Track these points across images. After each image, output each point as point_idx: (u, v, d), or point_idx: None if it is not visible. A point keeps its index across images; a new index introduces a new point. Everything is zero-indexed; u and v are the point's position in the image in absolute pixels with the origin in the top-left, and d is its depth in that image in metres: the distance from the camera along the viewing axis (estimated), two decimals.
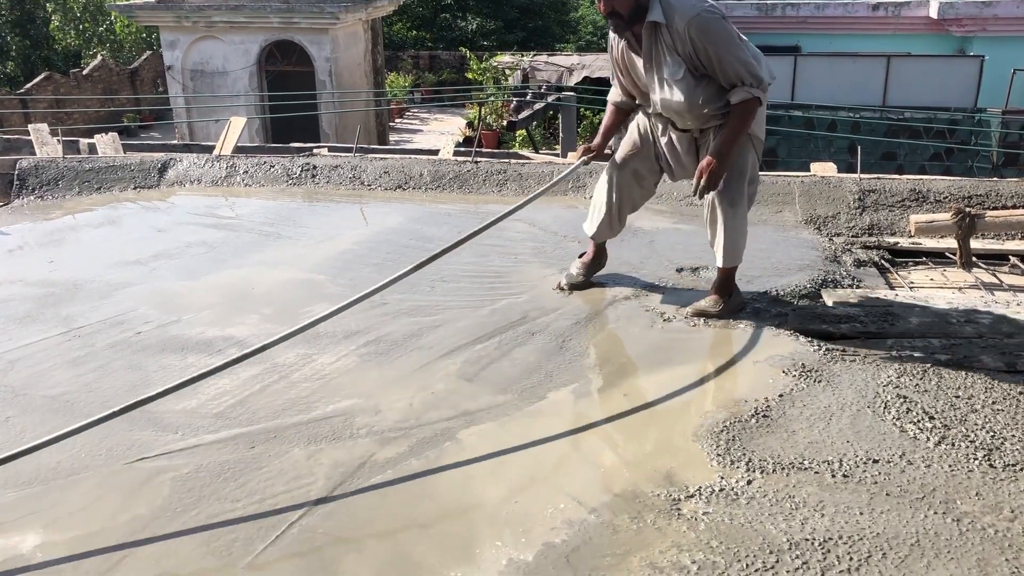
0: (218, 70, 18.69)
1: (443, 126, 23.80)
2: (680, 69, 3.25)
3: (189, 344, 3.38)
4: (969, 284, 4.12)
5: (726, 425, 2.66)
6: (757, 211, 5.20)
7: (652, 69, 3.35)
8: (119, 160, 6.36)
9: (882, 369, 3.03)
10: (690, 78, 3.26)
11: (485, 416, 2.78)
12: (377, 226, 5.08)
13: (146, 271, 4.29)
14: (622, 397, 2.89)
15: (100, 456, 2.57)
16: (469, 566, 2.05)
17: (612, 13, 3.24)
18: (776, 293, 3.81)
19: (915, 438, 2.56)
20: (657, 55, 3.30)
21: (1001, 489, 2.31)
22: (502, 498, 2.33)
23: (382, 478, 2.43)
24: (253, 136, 17.65)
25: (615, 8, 3.21)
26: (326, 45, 18.22)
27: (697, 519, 2.20)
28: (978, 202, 5.06)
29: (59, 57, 25.98)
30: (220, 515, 2.26)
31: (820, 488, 2.32)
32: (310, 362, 3.20)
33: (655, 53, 3.30)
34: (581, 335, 3.42)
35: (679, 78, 3.26)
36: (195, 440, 2.65)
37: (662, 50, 3.27)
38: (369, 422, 2.74)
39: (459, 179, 5.89)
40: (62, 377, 3.11)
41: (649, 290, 3.90)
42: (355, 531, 2.19)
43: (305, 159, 6.32)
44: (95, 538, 2.18)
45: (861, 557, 2.03)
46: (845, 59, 14.07)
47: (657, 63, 3.32)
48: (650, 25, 3.24)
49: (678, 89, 3.28)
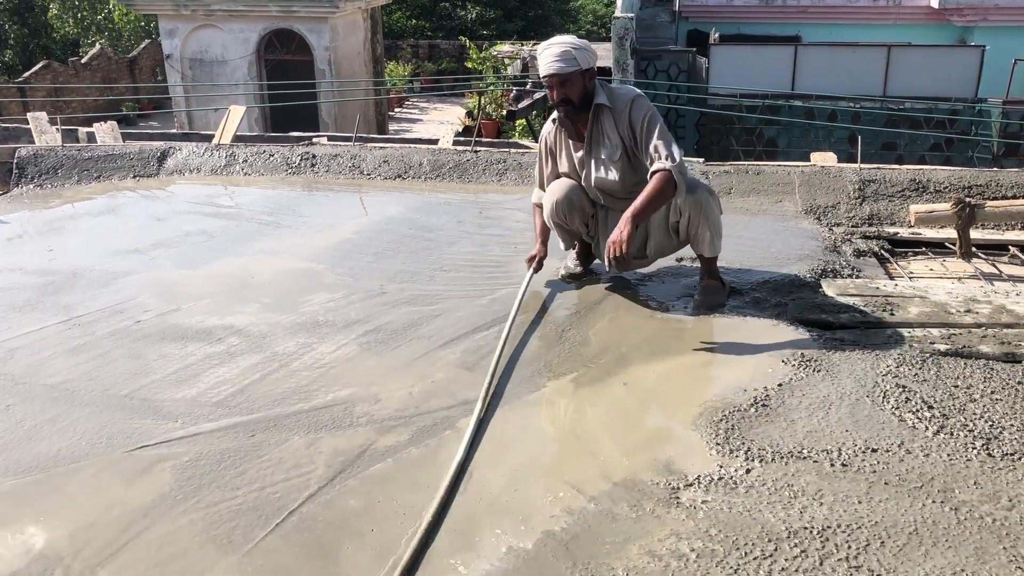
0: (217, 59, 18.63)
1: (442, 116, 23.74)
2: (617, 151, 3.50)
3: (189, 333, 3.38)
4: (969, 274, 4.12)
5: (725, 414, 2.66)
6: (758, 201, 5.20)
7: (592, 150, 3.58)
8: (118, 149, 6.35)
9: (881, 359, 3.04)
10: (626, 159, 3.51)
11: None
12: (377, 215, 5.08)
13: (145, 260, 4.29)
14: (621, 386, 2.90)
15: (100, 444, 2.57)
16: (469, 554, 2.06)
17: (564, 100, 3.45)
18: (776, 283, 3.81)
19: (914, 427, 2.57)
20: (598, 136, 3.54)
21: (999, 478, 2.31)
22: (502, 486, 2.33)
23: (382, 466, 2.43)
24: (252, 125, 17.60)
25: (567, 95, 3.43)
26: (325, 34, 18.17)
27: (696, 507, 2.20)
28: (978, 192, 5.05)
29: (57, 46, 25.90)
30: (220, 503, 2.27)
31: (819, 477, 2.32)
32: (310, 351, 3.20)
33: (596, 134, 3.55)
34: (580, 325, 3.42)
35: (616, 159, 3.51)
36: (195, 428, 2.65)
37: (603, 132, 3.52)
38: (369, 411, 2.75)
39: (459, 168, 5.89)
40: (62, 365, 3.11)
41: (649, 280, 3.90)
42: (355, 519, 2.20)
43: (304, 148, 6.32)
44: (95, 526, 2.18)
45: (859, 545, 2.04)
46: (845, 49, 14.05)
47: (597, 144, 3.56)
48: (596, 108, 3.49)
49: (614, 169, 3.53)
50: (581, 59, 3.37)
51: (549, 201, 3.67)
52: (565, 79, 3.38)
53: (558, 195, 3.63)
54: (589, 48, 3.42)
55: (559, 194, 3.63)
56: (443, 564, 2.02)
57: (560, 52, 3.37)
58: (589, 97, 3.46)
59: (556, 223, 3.74)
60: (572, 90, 3.41)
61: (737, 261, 4.09)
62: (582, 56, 3.38)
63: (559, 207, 3.64)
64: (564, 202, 3.63)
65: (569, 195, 3.63)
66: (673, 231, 3.55)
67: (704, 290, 3.61)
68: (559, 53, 3.37)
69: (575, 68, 3.37)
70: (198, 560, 2.05)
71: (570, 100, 3.43)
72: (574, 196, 3.64)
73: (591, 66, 3.43)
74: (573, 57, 3.36)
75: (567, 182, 3.69)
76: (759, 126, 13.74)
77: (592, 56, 3.43)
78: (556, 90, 3.42)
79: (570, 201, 3.63)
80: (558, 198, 3.63)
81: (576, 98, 3.43)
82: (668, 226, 3.54)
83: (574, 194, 3.64)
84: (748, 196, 5.27)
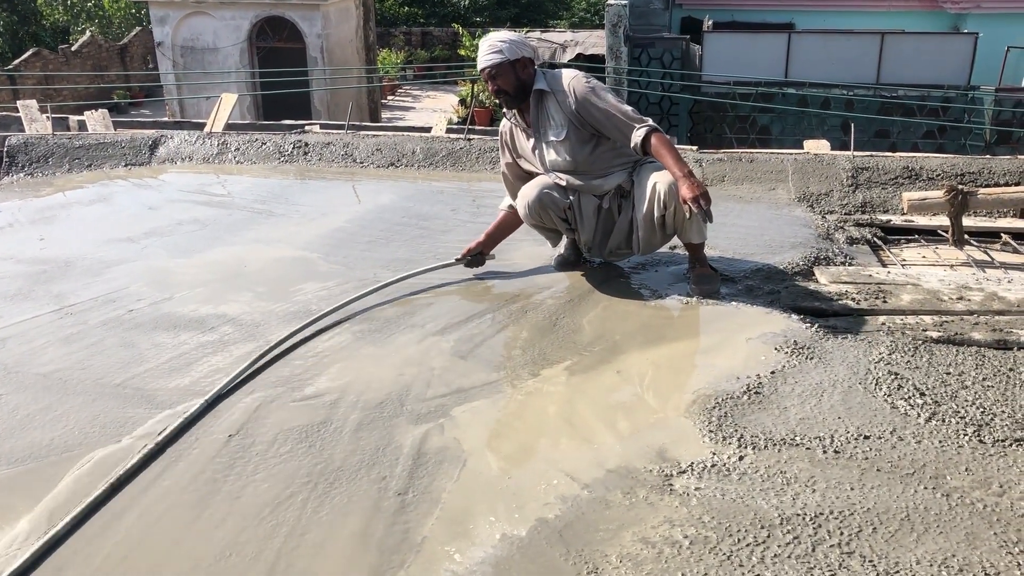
0: (208, 46, 18.54)
1: (436, 103, 23.68)
2: (563, 131, 3.57)
3: (182, 322, 3.38)
4: (961, 261, 4.14)
5: (718, 401, 2.67)
6: (751, 188, 5.21)
7: (540, 136, 3.65)
8: (109, 137, 6.32)
9: (874, 346, 3.05)
10: (573, 138, 3.56)
11: (479, 393, 2.79)
12: (369, 204, 5.07)
13: (138, 248, 4.28)
14: (615, 374, 2.90)
15: (94, 433, 2.57)
16: (463, 541, 2.06)
17: (499, 91, 3.57)
18: (769, 270, 3.81)
19: (906, 414, 2.58)
20: (544, 121, 3.62)
21: (990, 464, 2.33)
22: (496, 474, 2.34)
23: (376, 455, 2.43)
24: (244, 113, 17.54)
25: (500, 87, 3.54)
26: (317, 21, 18.09)
27: (689, 494, 2.21)
28: (971, 180, 5.07)
29: (47, 33, 25.71)
30: (212, 493, 2.27)
31: (811, 464, 2.33)
32: (303, 340, 3.20)
33: (541, 119, 3.62)
34: (574, 313, 3.42)
35: (562, 139, 3.58)
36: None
37: (548, 116, 3.60)
38: (362, 400, 2.75)
39: (452, 156, 5.88)
40: (55, 355, 3.10)
41: (642, 268, 3.90)
42: (350, 507, 2.20)
43: (297, 136, 6.29)
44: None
45: (852, 532, 2.05)
46: (839, 36, 14.03)
47: (544, 129, 3.63)
48: (536, 94, 3.58)
49: (563, 149, 3.59)
50: (508, 51, 3.49)
51: (521, 204, 3.71)
52: (494, 72, 3.51)
53: (529, 197, 3.67)
54: (520, 41, 3.54)
55: (530, 196, 3.67)
56: (437, 551, 2.03)
57: (487, 47, 3.53)
58: (525, 87, 3.56)
59: (534, 225, 3.78)
60: (504, 81, 3.52)
61: (730, 249, 4.10)
62: (509, 48, 3.49)
63: (532, 209, 3.68)
64: (535, 203, 3.66)
65: (539, 195, 3.65)
66: (659, 225, 3.55)
67: (698, 278, 3.61)
68: (487, 47, 3.53)
69: (503, 59, 3.49)
70: (191, 551, 2.05)
71: (504, 91, 3.55)
72: (544, 195, 3.65)
73: (520, 57, 3.53)
74: (499, 50, 3.49)
75: (537, 181, 3.71)
76: (753, 114, 13.73)
77: (522, 48, 3.53)
78: (490, 83, 3.57)
79: (540, 201, 3.65)
80: (529, 200, 3.67)
81: (510, 88, 3.54)
82: (654, 220, 3.54)
83: (543, 193, 3.66)
84: (741, 184, 5.27)
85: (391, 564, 1.99)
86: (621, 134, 3.49)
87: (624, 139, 3.49)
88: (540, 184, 3.68)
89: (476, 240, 3.91)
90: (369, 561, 2.00)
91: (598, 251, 3.80)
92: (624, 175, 3.64)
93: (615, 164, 3.63)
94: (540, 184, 3.68)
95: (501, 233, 3.96)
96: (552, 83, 3.58)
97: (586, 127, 3.55)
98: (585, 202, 3.68)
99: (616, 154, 3.60)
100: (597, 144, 3.58)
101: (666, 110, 14.50)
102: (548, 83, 3.58)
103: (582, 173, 3.64)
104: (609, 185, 3.64)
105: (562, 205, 3.67)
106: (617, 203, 3.68)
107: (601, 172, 3.64)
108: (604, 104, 3.49)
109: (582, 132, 3.56)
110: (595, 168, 3.62)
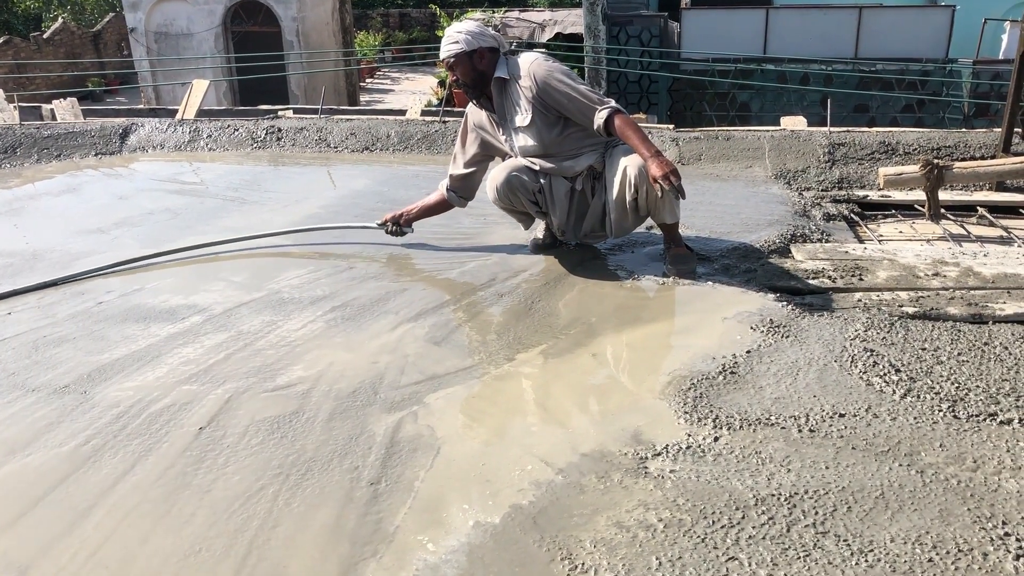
0: (183, 32, 18.32)
1: (415, 86, 23.52)
2: (528, 116, 3.56)
3: (152, 313, 3.33)
4: (937, 236, 4.14)
5: (693, 382, 2.66)
6: (727, 167, 5.19)
7: (507, 123, 3.67)
8: (79, 126, 6.23)
9: (849, 323, 3.04)
10: (539, 122, 3.56)
11: (453, 380, 2.76)
12: (344, 189, 5.02)
13: (108, 239, 4.21)
14: (590, 357, 2.88)
15: (63, 425, 2.52)
16: (437, 529, 2.04)
17: (458, 83, 3.64)
18: (745, 249, 3.80)
19: (881, 391, 2.57)
20: (509, 108, 3.63)
21: (964, 440, 2.32)
22: (469, 461, 2.31)
23: (349, 445, 2.40)
24: (221, 99, 17.36)
25: (459, 78, 3.61)
26: (292, 4, 17.88)
27: (664, 477, 2.20)
28: (947, 154, 5.07)
29: (19, 20, 25.33)
30: (182, 487, 2.23)
31: (786, 443, 2.32)
32: (275, 329, 3.16)
33: (507, 107, 3.64)
34: (550, 296, 3.39)
35: (527, 124, 3.58)
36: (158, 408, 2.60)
37: (512, 102, 3.61)
38: (335, 388, 2.71)
39: (427, 139, 5.82)
40: (23, 349, 3.05)
41: (618, 249, 3.88)
42: (322, 498, 2.17)
43: (270, 122, 6.22)
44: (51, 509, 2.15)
45: (827, 511, 2.04)
46: (816, 11, 13.99)
47: (510, 115, 3.64)
48: (498, 82, 3.61)
49: (530, 134, 3.59)
50: (465, 42, 3.53)
51: (491, 188, 3.72)
52: (452, 63, 3.57)
53: (498, 180, 3.67)
54: (479, 32, 3.56)
55: (499, 179, 3.67)
56: (411, 541, 2.00)
57: (446, 38, 3.58)
58: (484, 77, 3.59)
59: (504, 208, 3.79)
60: (461, 71, 3.58)
61: (707, 228, 4.08)
62: (467, 40, 3.53)
63: (501, 192, 3.68)
64: (504, 186, 3.66)
65: (508, 178, 3.64)
66: (632, 208, 3.52)
67: (674, 258, 3.59)
68: (445, 39, 3.58)
69: (460, 50, 3.53)
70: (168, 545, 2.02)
71: (464, 83, 3.61)
72: (513, 178, 3.64)
73: (476, 48, 3.54)
74: (456, 40, 3.54)
75: (505, 164, 3.70)
76: (732, 91, 13.70)
77: (480, 39, 3.55)
78: (451, 73, 3.64)
79: (509, 184, 3.65)
80: (498, 184, 3.67)
81: (467, 79, 3.59)
82: (626, 204, 3.51)
83: (512, 176, 3.64)
84: (718, 162, 5.25)
85: (364, 555, 1.97)
86: (584, 116, 3.46)
87: (587, 121, 3.46)
88: (509, 167, 3.65)
89: (405, 209, 4.00)
90: (341, 552, 1.98)
91: (572, 234, 3.77)
92: (596, 156, 3.61)
93: (586, 144, 3.60)
94: (509, 167, 3.65)
95: (430, 212, 4.03)
96: (513, 70, 3.59)
97: (550, 110, 3.53)
98: (556, 185, 3.65)
99: (586, 134, 3.58)
100: (565, 126, 3.56)
101: (645, 88, 14.43)
102: (509, 70, 3.60)
103: (553, 156, 3.62)
104: (581, 166, 3.61)
105: (531, 188, 3.64)
106: (591, 184, 3.65)
107: (572, 153, 3.61)
108: (564, 87, 3.46)
109: (547, 116, 3.55)
110: (565, 149, 3.60)
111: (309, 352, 2.97)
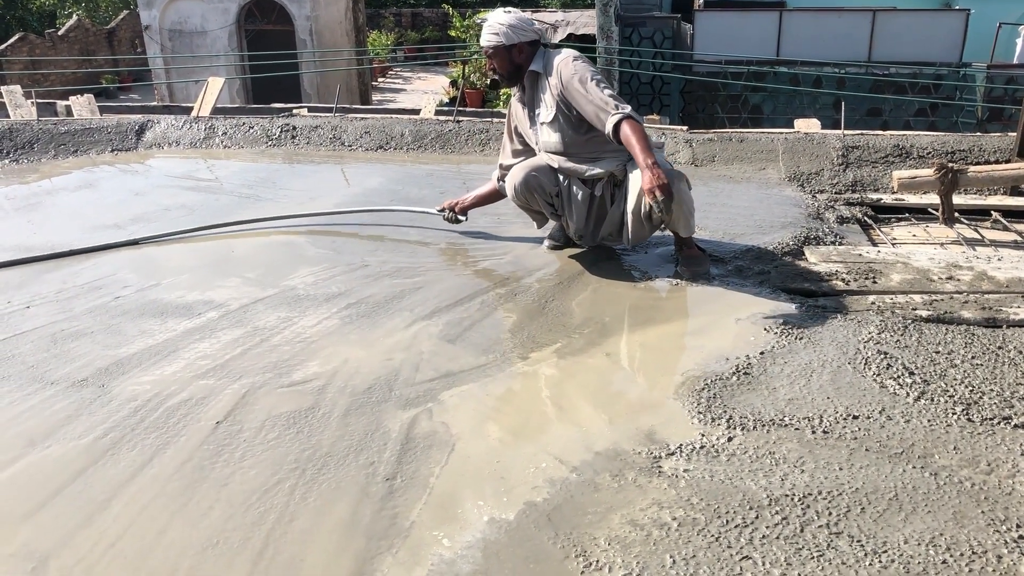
0: (197, 30, 18.39)
1: (426, 85, 23.56)
2: (552, 112, 3.60)
3: (169, 308, 3.35)
4: (951, 240, 4.13)
5: (707, 383, 2.66)
6: (741, 168, 5.19)
7: (534, 116, 3.71)
8: (95, 122, 6.27)
9: (863, 326, 3.04)
10: (561, 120, 3.58)
11: (467, 377, 2.78)
12: (358, 187, 5.04)
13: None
14: (604, 356, 2.89)
15: (81, 419, 2.55)
16: (452, 525, 2.06)
17: (492, 70, 3.70)
18: (759, 251, 3.80)
19: (895, 394, 2.58)
20: (536, 102, 3.68)
21: (978, 443, 2.33)
22: (484, 458, 2.33)
23: (364, 441, 2.42)
24: (234, 97, 17.43)
25: (494, 67, 3.67)
26: (306, 3, 17.93)
27: (678, 476, 2.21)
28: (961, 157, 5.05)
29: (34, 17, 25.48)
30: (199, 481, 2.25)
31: (800, 444, 2.33)
32: (291, 325, 3.18)
33: (535, 100, 3.69)
34: (564, 295, 3.41)
35: (551, 120, 3.61)
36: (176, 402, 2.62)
37: (540, 97, 3.65)
38: (350, 385, 2.73)
39: (441, 139, 5.84)
40: (40, 343, 3.08)
41: (631, 250, 3.89)
42: (337, 493, 2.19)
43: (285, 120, 6.25)
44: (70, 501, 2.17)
45: (840, 512, 2.05)
46: (830, 14, 13.95)
47: (537, 109, 3.69)
48: (531, 75, 3.66)
49: (553, 130, 3.62)
50: (505, 36, 3.56)
51: (510, 185, 3.76)
52: (491, 53, 3.62)
53: (516, 179, 3.71)
54: (519, 26, 3.57)
55: (517, 178, 3.71)
56: (426, 536, 2.02)
57: (488, 27, 3.61)
58: (520, 69, 3.64)
59: (520, 206, 3.83)
60: (498, 63, 3.63)
61: (720, 229, 4.09)
62: (506, 33, 3.56)
63: (518, 191, 3.73)
64: (521, 185, 3.70)
65: (526, 177, 3.69)
66: (647, 219, 3.52)
67: (687, 259, 3.60)
68: (487, 28, 3.61)
69: (499, 44, 3.57)
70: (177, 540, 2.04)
71: (498, 71, 3.66)
72: (531, 178, 3.68)
73: (516, 42, 3.57)
74: (497, 32, 3.57)
75: (526, 163, 3.75)
76: (744, 93, 13.69)
77: (521, 32, 3.58)
78: (488, 62, 3.70)
79: (527, 183, 3.69)
80: (516, 182, 3.71)
81: (503, 71, 3.65)
82: (642, 215, 3.51)
83: (530, 175, 3.69)
84: (731, 164, 5.25)
85: (379, 549, 1.98)
86: (599, 121, 3.46)
87: (601, 125, 3.46)
88: (528, 166, 3.68)
89: (461, 199, 4.08)
90: (357, 547, 2.00)
91: (590, 238, 3.79)
92: (616, 163, 3.61)
93: (608, 149, 3.59)
94: (528, 166, 3.68)
95: (484, 201, 4.10)
96: (547, 65, 3.62)
97: (572, 111, 3.55)
98: (576, 190, 3.66)
99: (608, 139, 3.56)
100: (589, 128, 3.55)
101: (657, 90, 14.43)
102: (544, 64, 3.62)
103: (572, 155, 3.63)
104: (599, 170, 3.61)
105: (549, 191, 3.67)
106: (610, 191, 3.66)
107: (592, 156, 3.62)
108: (584, 89, 3.47)
109: (569, 115, 3.56)
110: (586, 151, 3.61)
111: (324, 348, 2.99)
